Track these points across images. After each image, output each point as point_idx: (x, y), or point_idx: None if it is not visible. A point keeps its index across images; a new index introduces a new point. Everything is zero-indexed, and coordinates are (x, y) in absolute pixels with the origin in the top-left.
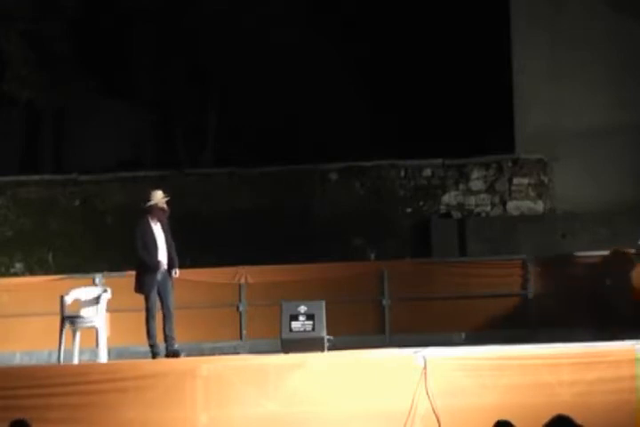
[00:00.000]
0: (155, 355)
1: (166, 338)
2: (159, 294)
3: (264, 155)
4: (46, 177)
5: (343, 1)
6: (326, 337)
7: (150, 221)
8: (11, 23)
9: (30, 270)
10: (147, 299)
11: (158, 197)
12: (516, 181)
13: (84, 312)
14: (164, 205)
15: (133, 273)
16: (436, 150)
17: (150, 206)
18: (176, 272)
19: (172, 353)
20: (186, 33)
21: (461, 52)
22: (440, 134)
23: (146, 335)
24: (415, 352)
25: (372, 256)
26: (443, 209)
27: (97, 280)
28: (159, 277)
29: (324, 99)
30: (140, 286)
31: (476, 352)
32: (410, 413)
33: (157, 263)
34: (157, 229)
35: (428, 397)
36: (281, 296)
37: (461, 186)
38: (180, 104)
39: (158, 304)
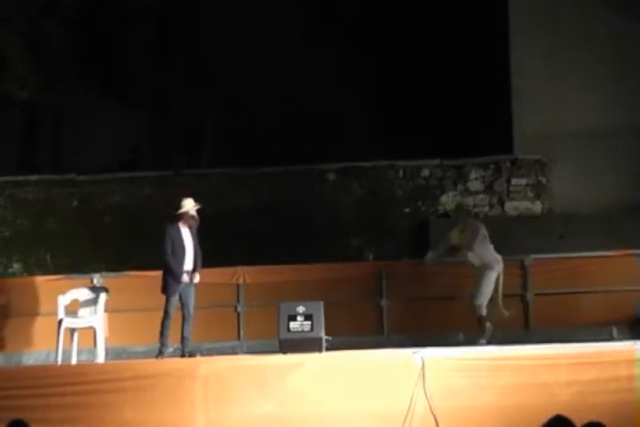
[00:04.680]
0: (160, 354)
1: (182, 339)
2: (181, 296)
3: (262, 155)
4: (44, 177)
5: (343, 1)
6: (324, 337)
7: (181, 227)
8: (9, 23)
9: (28, 271)
10: (167, 301)
11: (190, 205)
12: (514, 181)
13: (82, 312)
14: (195, 213)
15: (132, 273)
16: (434, 151)
17: (181, 213)
18: (196, 277)
19: (188, 354)
20: (185, 33)
21: (460, 53)
22: (438, 135)
23: (159, 334)
24: (413, 352)
25: (370, 257)
26: (441, 209)
27: (95, 280)
28: (183, 280)
29: (322, 99)
30: (164, 289)
31: (474, 352)
32: (408, 413)
33: (181, 274)
34: (187, 235)
35: (426, 397)
36: (279, 297)
37: (459, 186)
38: (178, 104)
39: (178, 305)
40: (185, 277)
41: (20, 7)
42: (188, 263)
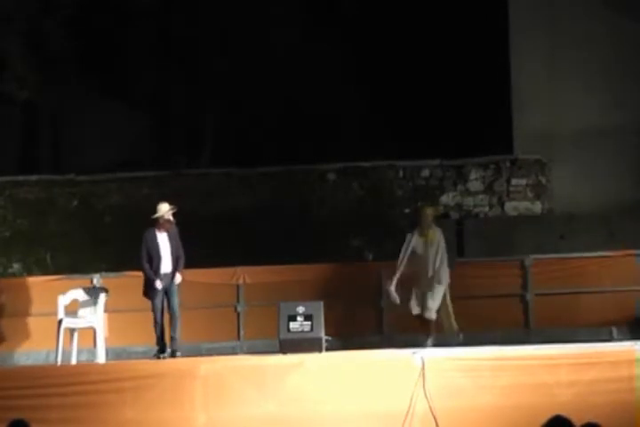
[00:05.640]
0: (157, 354)
1: (170, 339)
2: (166, 296)
3: (262, 155)
4: (44, 177)
5: (343, 1)
6: (324, 338)
7: (157, 231)
8: (9, 23)
9: (28, 271)
10: (152, 306)
11: (164, 209)
12: (514, 181)
13: (82, 313)
14: (170, 217)
15: (131, 273)
16: (434, 151)
17: (156, 218)
18: (177, 278)
19: (171, 352)
20: (185, 33)
21: (460, 53)
22: (438, 135)
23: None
24: (413, 353)
25: (370, 257)
26: (441, 210)
27: (95, 280)
28: (163, 283)
29: (322, 99)
30: (145, 293)
31: (474, 353)
32: (408, 413)
33: (155, 279)
34: (163, 239)
35: (426, 397)
36: (279, 297)
37: (459, 186)
38: (178, 104)
39: (165, 306)
40: (158, 284)
41: (19, 7)
42: (165, 267)
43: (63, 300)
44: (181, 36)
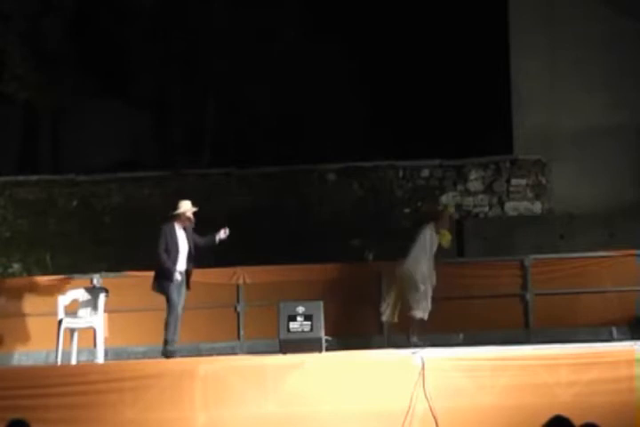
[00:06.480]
0: (167, 354)
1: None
2: None
3: (262, 155)
4: (44, 177)
5: (342, 3)
6: (324, 338)
7: (176, 227)
8: (9, 23)
9: (28, 271)
10: (168, 299)
11: (187, 206)
12: (514, 181)
13: (82, 313)
14: (191, 216)
15: (131, 273)
16: (434, 151)
17: (178, 214)
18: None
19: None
20: (185, 33)
21: (459, 53)
22: (438, 135)
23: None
24: (413, 353)
25: (370, 257)
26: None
27: (95, 281)
28: (175, 279)
29: (322, 99)
30: (160, 287)
31: (474, 353)
32: (408, 413)
33: (173, 272)
34: (181, 235)
35: (426, 397)
36: (279, 297)
37: (459, 187)
38: (178, 104)
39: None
40: (177, 276)
41: (19, 7)
42: (181, 264)
43: (63, 300)
44: (181, 36)
